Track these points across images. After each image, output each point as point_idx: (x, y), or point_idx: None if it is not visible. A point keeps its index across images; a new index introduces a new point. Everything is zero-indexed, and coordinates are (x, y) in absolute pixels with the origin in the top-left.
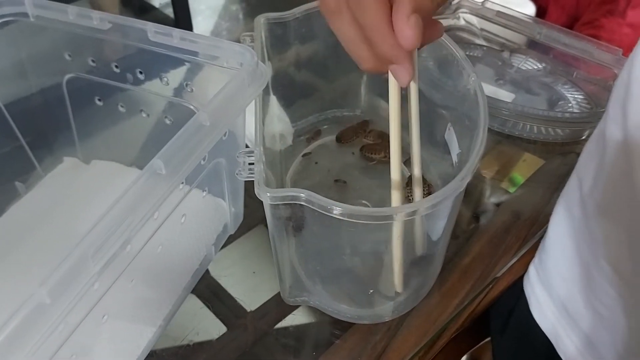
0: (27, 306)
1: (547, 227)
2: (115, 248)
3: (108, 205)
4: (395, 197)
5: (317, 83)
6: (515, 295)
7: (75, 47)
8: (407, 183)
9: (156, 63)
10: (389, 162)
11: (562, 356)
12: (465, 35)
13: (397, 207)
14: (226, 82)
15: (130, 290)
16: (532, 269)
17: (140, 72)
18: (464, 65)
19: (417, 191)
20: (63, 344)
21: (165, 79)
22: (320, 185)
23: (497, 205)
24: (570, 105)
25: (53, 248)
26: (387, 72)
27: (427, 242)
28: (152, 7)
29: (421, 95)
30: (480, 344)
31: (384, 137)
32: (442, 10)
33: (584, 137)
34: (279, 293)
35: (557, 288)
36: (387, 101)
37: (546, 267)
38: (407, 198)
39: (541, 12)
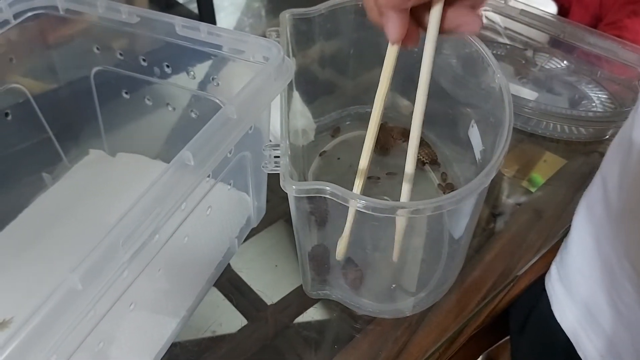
0: (59, 292)
1: (569, 226)
2: (144, 237)
3: (133, 197)
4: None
5: (339, 79)
6: (535, 295)
7: (104, 40)
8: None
9: (183, 57)
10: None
11: (582, 357)
12: (488, 33)
13: (422, 202)
14: (252, 76)
15: (157, 280)
16: (553, 268)
17: (167, 66)
18: (489, 62)
19: (406, 187)
20: (92, 330)
21: (192, 73)
22: (341, 181)
23: (519, 203)
24: (594, 104)
25: (78, 238)
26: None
27: (450, 236)
28: (177, 3)
29: (444, 92)
30: (498, 343)
31: (406, 134)
32: None
33: (607, 137)
34: (300, 287)
35: (578, 287)
36: (409, 99)
37: (567, 265)
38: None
39: (563, 12)
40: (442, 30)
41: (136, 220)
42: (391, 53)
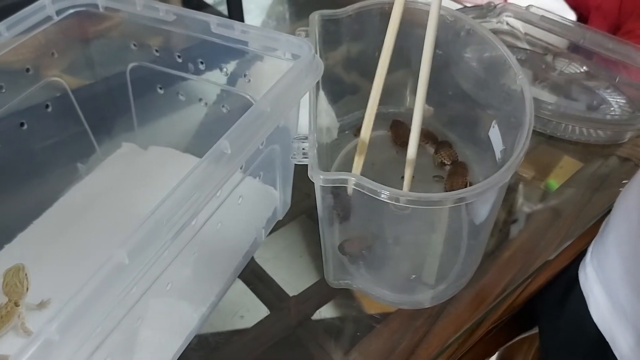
0: (107, 266)
1: (598, 227)
2: (185, 219)
3: (163, 188)
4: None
5: (363, 80)
6: (562, 290)
7: (141, 37)
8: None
9: (217, 54)
10: (434, 158)
11: (616, 354)
12: (508, 38)
13: (445, 194)
14: (284, 72)
15: (191, 264)
16: (590, 270)
17: (202, 63)
18: (511, 64)
19: (408, 171)
20: (134, 305)
21: (225, 70)
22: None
23: (538, 202)
24: (612, 109)
25: (110, 226)
26: None
27: (469, 231)
28: (206, 4)
29: (465, 94)
30: (515, 340)
31: (430, 136)
32: (485, 13)
33: (625, 140)
34: (320, 280)
35: (616, 291)
36: (431, 103)
37: (605, 270)
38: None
39: (582, 21)
40: None
41: (178, 202)
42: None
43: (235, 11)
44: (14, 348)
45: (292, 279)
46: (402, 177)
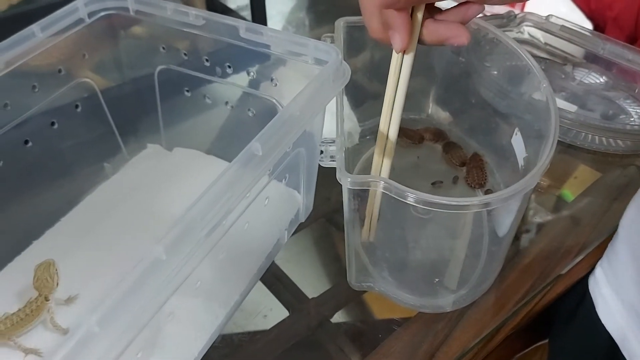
0: (145, 261)
1: (614, 232)
2: (218, 218)
3: (187, 189)
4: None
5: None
6: (577, 297)
7: (170, 40)
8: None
9: (244, 58)
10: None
11: (626, 356)
12: (528, 48)
13: (471, 199)
14: (312, 77)
15: (219, 262)
16: (599, 271)
17: (229, 66)
18: (535, 73)
19: (386, 163)
20: (167, 300)
21: (252, 74)
22: None
23: (556, 211)
24: (632, 119)
25: (135, 225)
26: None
27: (490, 237)
28: (230, 10)
29: (486, 102)
30: (530, 348)
31: (440, 135)
32: (506, 22)
33: None
34: (340, 283)
35: (628, 292)
36: (448, 111)
37: (617, 270)
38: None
39: (598, 31)
40: (433, 42)
41: (212, 201)
42: (396, 62)
43: (259, 17)
44: (43, 342)
45: (312, 281)
46: (433, 184)
